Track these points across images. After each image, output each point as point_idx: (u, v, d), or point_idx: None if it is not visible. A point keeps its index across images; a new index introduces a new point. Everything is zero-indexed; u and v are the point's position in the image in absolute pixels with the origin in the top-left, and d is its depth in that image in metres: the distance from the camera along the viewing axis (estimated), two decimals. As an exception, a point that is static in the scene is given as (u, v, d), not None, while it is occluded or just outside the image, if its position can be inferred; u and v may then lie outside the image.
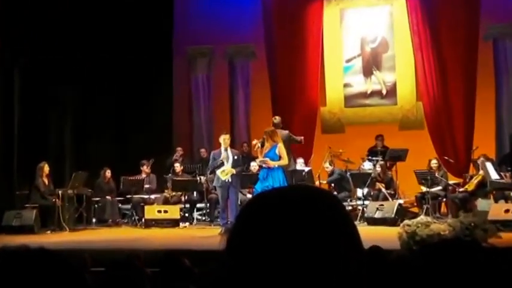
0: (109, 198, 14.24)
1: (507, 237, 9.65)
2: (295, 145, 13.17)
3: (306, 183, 13.03)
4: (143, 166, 14.63)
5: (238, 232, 1.24)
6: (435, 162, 13.59)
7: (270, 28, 15.81)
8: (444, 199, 13.47)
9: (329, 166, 14.22)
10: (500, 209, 11.54)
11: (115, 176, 14.57)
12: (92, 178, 14.24)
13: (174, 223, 13.35)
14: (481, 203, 12.39)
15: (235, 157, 11.86)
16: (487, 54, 14.95)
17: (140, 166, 14.66)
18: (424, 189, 13.13)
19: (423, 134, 14.99)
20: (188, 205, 14.24)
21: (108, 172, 14.51)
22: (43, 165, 13.55)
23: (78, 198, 13.82)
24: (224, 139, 11.89)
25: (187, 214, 14.13)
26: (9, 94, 14.20)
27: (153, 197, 14.37)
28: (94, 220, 14.23)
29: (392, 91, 15.92)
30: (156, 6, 15.89)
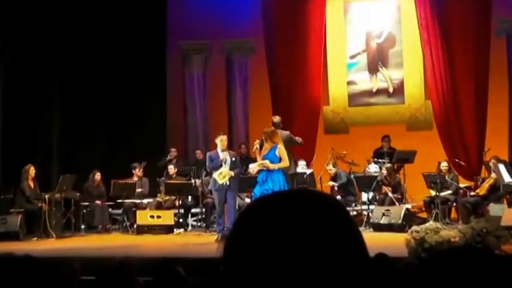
0: (99, 202, 14.23)
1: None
2: (296, 147, 13.17)
3: (308, 186, 13.04)
4: (135, 169, 14.63)
5: (236, 239, 1.25)
6: (445, 164, 13.60)
7: (270, 22, 15.81)
8: (454, 204, 13.47)
9: (332, 168, 14.23)
10: (513, 214, 11.52)
11: (105, 180, 14.55)
12: (81, 181, 14.22)
13: (168, 229, 13.34)
14: (494, 208, 12.39)
15: (232, 159, 11.86)
16: (500, 50, 14.95)
17: (132, 169, 14.66)
18: (433, 193, 13.13)
19: (432, 135, 14.99)
20: (182, 210, 14.23)
21: (97, 175, 14.51)
22: (29, 167, 13.54)
23: (65, 202, 13.80)
24: (222, 140, 11.89)
25: (181, 220, 14.13)
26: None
27: (146, 202, 14.36)
28: (83, 226, 14.22)
29: (399, 89, 15.92)
30: (149, -2, 15.95)
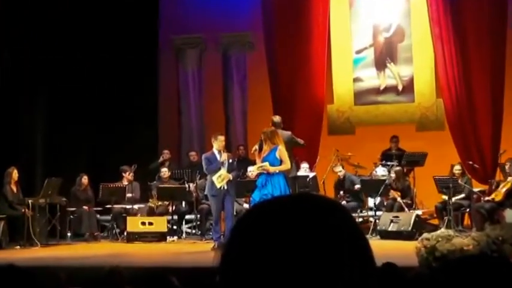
0: (86, 208, 14.23)
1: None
2: (297, 148, 13.16)
3: (311, 190, 13.03)
4: (125, 172, 14.63)
5: (233, 247, 1.25)
6: (458, 168, 13.57)
7: (270, 14, 15.80)
8: (468, 209, 13.47)
9: (342, 170, 14.19)
10: (531, 221, 11.55)
11: (93, 184, 14.55)
12: (67, 185, 14.21)
13: (161, 237, 13.33)
14: (510, 214, 12.39)
15: (229, 161, 11.87)
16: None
17: (121, 172, 14.66)
18: (446, 198, 13.13)
19: (444, 136, 14.99)
20: (176, 216, 14.23)
21: (85, 179, 14.50)
22: (11, 170, 13.53)
23: (50, 208, 13.78)
24: (221, 140, 11.88)
25: (175, 227, 14.12)
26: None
27: (137, 207, 14.36)
28: (69, 234, 14.21)
29: (409, 87, 15.93)
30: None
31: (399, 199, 13.54)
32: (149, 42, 16.27)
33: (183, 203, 14.66)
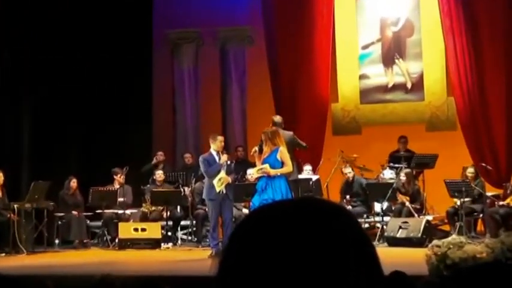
0: (75, 213, 14.22)
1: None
2: (300, 150, 13.16)
3: (314, 194, 13.04)
4: (116, 175, 14.62)
5: (232, 254, 1.25)
6: (471, 170, 13.54)
7: (270, 7, 15.81)
8: (481, 215, 13.46)
9: (351, 171, 14.16)
10: (549, 227, 11.55)
11: (82, 187, 14.54)
12: (55, 189, 14.20)
13: (154, 244, 13.33)
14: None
15: (227, 162, 11.87)
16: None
17: (112, 175, 14.65)
18: (457, 203, 13.12)
19: (456, 136, 14.99)
20: (171, 222, 14.23)
21: (73, 182, 14.49)
22: (-5, 173, 13.54)
23: (37, 213, 13.77)
24: (220, 141, 11.88)
25: (169, 233, 14.13)
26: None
27: (129, 213, 14.36)
28: (57, 241, 14.20)
29: (418, 84, 15.93)
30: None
31: (408, 204, 13.53)
32: (142, 37, 16.25)
33: (178, 208, 14.65)
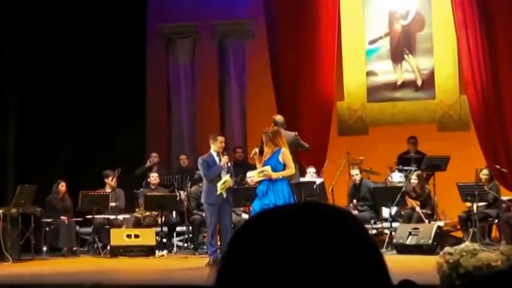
0: (64, 219, 14.21)
1: None
2: (301, 152, 13.14)
3: (318, 199, 13.03)
4: (108, 177, 14.61)
5: (231, 262, 1.25)
6: (486, 172, 13.53)
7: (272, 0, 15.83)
8: (496, 220, 13.46)
9: (359, 173, 14.13)
10: None
11: (71, 191, 14.53)
12: (42, 193, 14.20)
13: (148, 251, 13.33)
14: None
15: (228, 164, 11.87)
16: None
17: (104, 178, 14.64)
18: (471, 207, 13.11)
19: (469, 136, 14.99)
20: (166, 228, 14.22)
21: (62, 186, 14.48)
22: (-21, 177, 13.55)
23: (24, 219, 13.78)
24: (220, 141, 11.88)
25: (164, 240, 14.13)
26: None
27: (121, 218, 14.36)
28: (45, 248, 14.19)
29: (429, 81, 15.93)
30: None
31: (418, 209, 13.52)
32: (135, 31, 16.25)
33: (174, 213, 14.65)
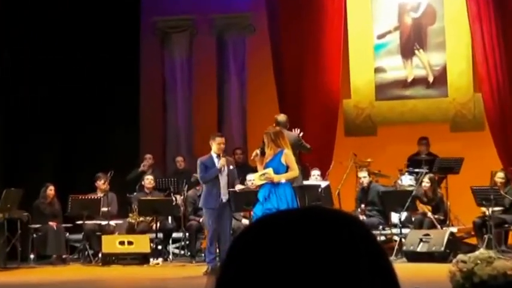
0: (52, 225, 14.20)
1: None
2: (305, 153, 13.15)
3: (324, 203, 13.03)
4: (99, 181, 14.61)
5: (230, 269, 1.25)
6: (501, 176, 13.54)
7: (274, -8, 15.85)
8: (512, 226, 13.49)
9: (367, 176, 14.12)
10: None
11: (60, 195, 14.53)
12: (30, 198, 14.20)
13: (142, 259, 13.33)
14: None
15: (230, 167, 11.86)
16: None
17: (95, 181, 14.64)
18: (486, 212, 13.11)
19: (483, 137, 14.99)
20: (161, 235, 14.22)
21: (50, 190, 14.48)
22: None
23: (9, 225, 13.78)
24: (218, 142, 11.87)
25: (159, 247, 14.12)
26: None
27: (113, 224, 14.35)
28: (32, 256, 14.18)
29: (441, 78, 15.93)
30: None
31: (430, 214, 13.52)
32: (128, 26, 16.24)
33: (170, 219, 14.64)
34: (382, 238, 13.77)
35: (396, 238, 13.63)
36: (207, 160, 11.88)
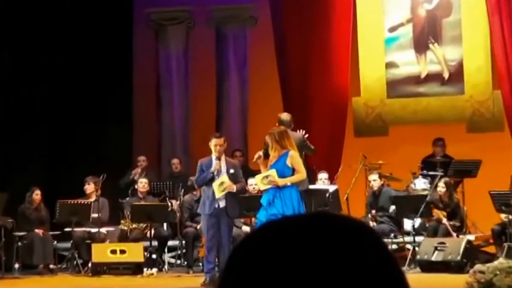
0: (39, 232, 14.22)
1: None
2: (310, 155, 13.16)
3: (332, 209, 13.03)
4: (89, 184, 14.62)
5: (231, 280, 1.25)
6: (522, 179, 13.59)
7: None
8: (534, 234, 13.48)
9: (377, 179, 14.09)
10: None
11: (48, 200, 14.54)
12: (14, 203, 14.22)
13: (136, 269, 13.34)
14: None
15: (231, 170, 11.82)
16: None
17: (85, 184, 14.64)
18: (506, 218, 13.11)
19: (503, 138, 15.00)
20: (156, 243, 14.22)
21: (37, 194, 14.48)
22: None
23: (-7, 232, 13.82)
24: (215, 144, 11.87)
25: (154, 256, 14.12)
26: None
27: (104, 231, 14.36)
28: (17, 265, 14.19)
29: (457, 74, 15.93)
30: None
31: (445, 220, 13.53)
32: (122, 17, 16.27)
33: (165, 226, 14.64)
34: (394, 246, 13.77)
35: (409, 246, 13.64)
36: (206, 162, 11.86)
